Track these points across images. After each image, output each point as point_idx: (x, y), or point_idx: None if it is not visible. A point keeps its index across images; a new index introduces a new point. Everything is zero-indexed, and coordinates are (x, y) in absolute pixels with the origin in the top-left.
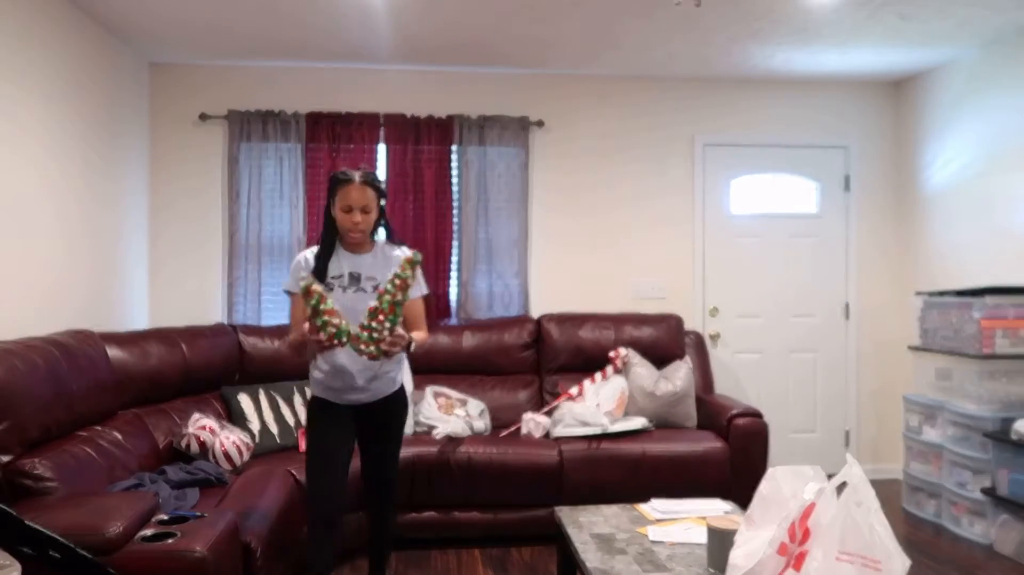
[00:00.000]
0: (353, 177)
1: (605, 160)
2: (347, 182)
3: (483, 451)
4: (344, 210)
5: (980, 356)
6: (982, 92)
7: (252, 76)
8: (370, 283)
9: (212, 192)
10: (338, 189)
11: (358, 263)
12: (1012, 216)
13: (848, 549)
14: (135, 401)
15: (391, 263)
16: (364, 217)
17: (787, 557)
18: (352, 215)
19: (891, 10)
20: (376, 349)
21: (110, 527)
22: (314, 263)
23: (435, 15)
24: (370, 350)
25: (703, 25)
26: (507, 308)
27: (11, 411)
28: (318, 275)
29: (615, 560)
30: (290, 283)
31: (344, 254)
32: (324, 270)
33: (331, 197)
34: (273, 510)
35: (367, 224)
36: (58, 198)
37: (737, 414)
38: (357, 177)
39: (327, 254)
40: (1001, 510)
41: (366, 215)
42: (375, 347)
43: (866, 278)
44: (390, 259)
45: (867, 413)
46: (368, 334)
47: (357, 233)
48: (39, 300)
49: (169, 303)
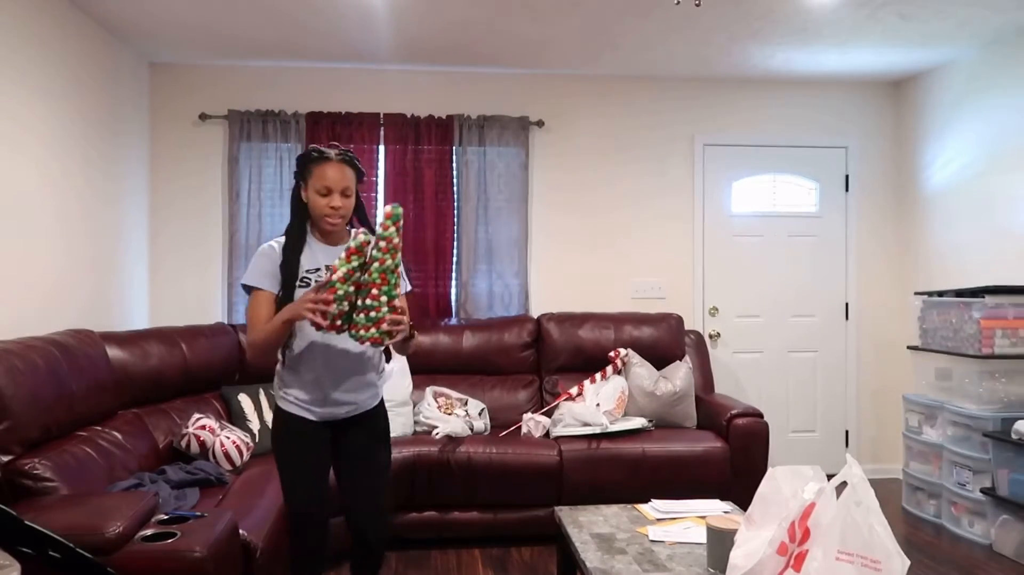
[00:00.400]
0: (329, 155)
1: (605, 160)
2: (323, 160)
3: (483, 451)
4: (320, 193)
5: (980, 356)
6: (982, 92)
7: (252, 76)
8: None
9: (212, 192)
10: (312, 168)
11: (337, 256)
12: (1012, 216)
13: (848, 549)
14: (135, 401)
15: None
16: (344, 201)
17: (787, 557)
18: (330, 199)
19: (891, 10)
20: (379, 331)
21: (110, 527)
22: (281, 255)
23: (435, 15)
24: (371, 334)
25: (703, 25)
26: (507, 308)
27: (11, 411)
28: (288, 269)
29: (615, 560)
30: (253, 277)
31: (318, 245)
32: (295, 263)
33: (301, 178)
34: (273, 510)
35: (347, 210)
36: (58, 198)
37: (737, 414)
38: (334, 154)
39: (297, 245)
40: (1001, 510)
41: (346, 199)
42: (376, 329)
43: (866, 278)
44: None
45: (867, 413)
46: (365, 315)
47: (336, 219)
48: (39, 300)
49: (169, 303)
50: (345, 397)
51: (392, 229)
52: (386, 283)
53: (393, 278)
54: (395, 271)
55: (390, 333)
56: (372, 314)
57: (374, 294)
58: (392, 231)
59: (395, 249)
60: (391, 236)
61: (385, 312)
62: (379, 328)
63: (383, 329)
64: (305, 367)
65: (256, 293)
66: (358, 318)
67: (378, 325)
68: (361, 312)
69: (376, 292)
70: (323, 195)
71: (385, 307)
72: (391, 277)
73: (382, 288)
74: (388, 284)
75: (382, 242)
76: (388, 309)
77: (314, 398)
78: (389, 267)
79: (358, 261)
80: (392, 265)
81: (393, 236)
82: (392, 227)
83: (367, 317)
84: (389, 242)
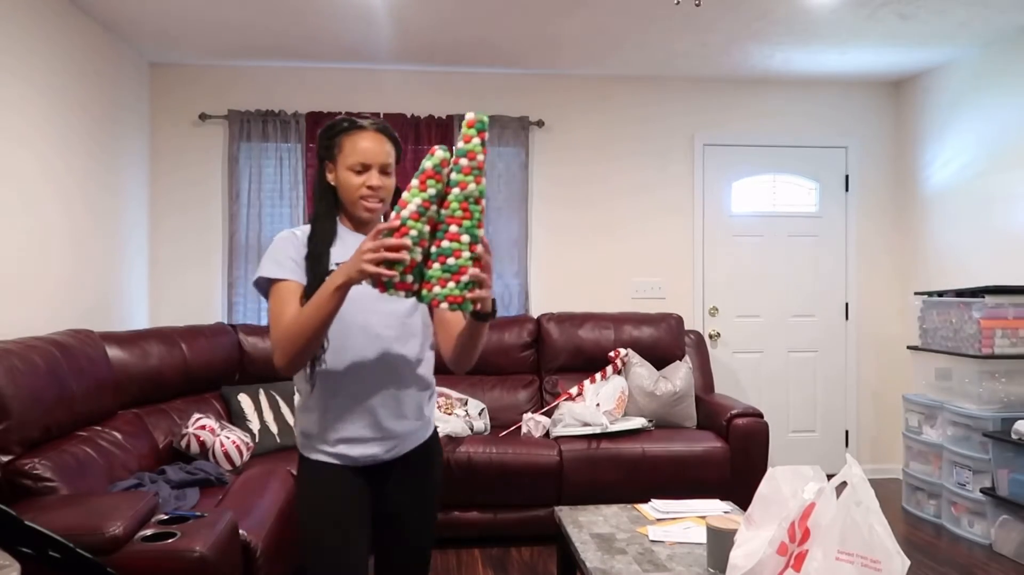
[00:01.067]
0: (364, 124)
1: (605, 159)
2: (357, 130)
3: (483, 451)
4: (354, 170)
5: (980, 356)
6: (982, 92)
7: (252, 76)
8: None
9: (212, 192)
10: (343, 141)
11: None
12: (1012, 216)
13: (848, 549)
14: (135, 401)
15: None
16: (384, 180)
17: (787, 557)
18: (367, 176)
19: (891, 10)
20: (459, 287)
21: (110, 527)
22: (307, 245)
23: (435, 15)
24: (449, 290)
25: (703, 25)
26: (507, 308)
27: (11, 411)
28: (316, 264)
29: (615, 560)
30: (272, 266)
31: (351, 236)
32: (325, 257)
33: (328, 156)
34: (273, 510)
35: (388, 191)
36: (58, 198)
37: (737, 414)
38: (369, 124)
39: (327, 236)
40: (1001, 510)
41: (385, 177)
42: (455, 283)
43: (866, 278)
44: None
45: (867, 413)
46: (441, 264)
47: (375, 203)
48: (39, 300)
49: (169, 303)
50: (398, 426)
51: (476, 141)
52: (469, 217)
53: (476, 211)
54: (478, 201)
55: (474, 301)
56: (451, 261)
57: (453, 232)
58: (476, 143)
59: (479, 170)
60: (474, 151)
61: (467, 259)
62: (458, 282)
63: (463, 282)
64: (344, 384)
65: (278, 285)
66: (431, 271)
67: (457, 276)
68: (436, 260)
69: (456, 230)
70: (358, 173)
71: (467, 252)
72: (474, 209)
73: (463, 224)
74: (472, 219)
75: (463, 159)
76: (470, 255)
77: (353, 430)
78: (472, 194)
79: (435, 188)
80: (476, 192)
81: (477, 151)
82: (476, 138)
83: (443, 266)
84: (472, 158)
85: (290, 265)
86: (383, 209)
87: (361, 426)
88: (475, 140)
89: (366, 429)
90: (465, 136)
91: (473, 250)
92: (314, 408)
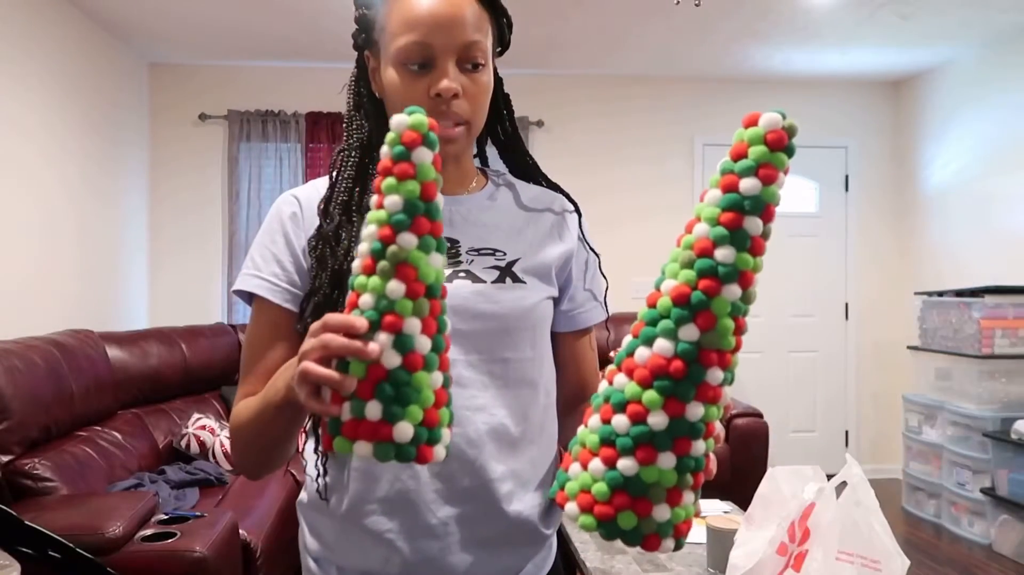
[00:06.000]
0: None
1: (605, 160)
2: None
3: None
4: (408, 63)
5: (980, 356)
6: (982, 92)
7: (252, 76)
8: (488, 265)
9: (212, 192)
10: (389, 6)
11: (456, 212)
12: (1012, 216)
13: (848, 549)
14: (135, 401)
15: (543, 224)
16: (467, 79)
17: (787, 557)
18: (435, 74)
19: (891, 10)
20: (682, 480)
21: (110, 527)
22: (320, 217)
23: None
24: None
25: (703, 25)
26: None
27: (11, 411)
28: (330, 257)
29: (615, 560)
30: (245, 270)
31: None
32: (347, 238)
33: (366, 43)
34: (273, 510)
35: (477, 102)
36: (58, 199)
37: (737, 414)
38: None
39: (353, 190)
40: (1001, 510)
41: (473, 73)
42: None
43: (866, 278)
44: (539, 217)
45: (867, 413)
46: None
47: (450, 126)
48: (40, 300)
49: (169, 303)
50: (470, 557)
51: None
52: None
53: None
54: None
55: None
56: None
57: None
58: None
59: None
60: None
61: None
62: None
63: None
64: (376, 477)
65: (254, 305)
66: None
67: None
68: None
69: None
70: (416, 70)
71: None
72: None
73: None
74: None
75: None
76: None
77: (392, 549)
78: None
79: (403, 194)
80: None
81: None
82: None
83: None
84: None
85: (273, 268)
86: (466, 142)
87: (396, 547)
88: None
89: (405, 552)
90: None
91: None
92: (316, 513)
